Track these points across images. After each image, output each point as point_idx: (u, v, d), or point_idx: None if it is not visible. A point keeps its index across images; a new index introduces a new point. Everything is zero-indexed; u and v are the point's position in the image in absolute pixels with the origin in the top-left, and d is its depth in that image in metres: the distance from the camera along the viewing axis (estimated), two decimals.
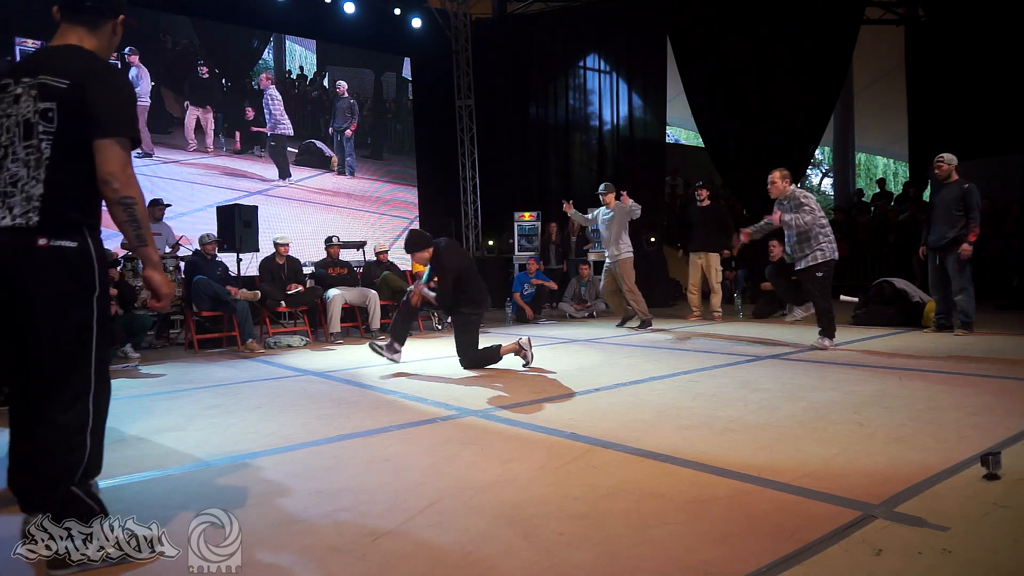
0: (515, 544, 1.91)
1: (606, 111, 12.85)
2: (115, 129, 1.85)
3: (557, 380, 4.52)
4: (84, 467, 1.90)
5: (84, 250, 1.87)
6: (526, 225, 10.83)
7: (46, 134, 1.84)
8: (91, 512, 1.90)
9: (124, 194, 1.83)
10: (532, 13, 12.81)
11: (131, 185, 1.85)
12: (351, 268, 8.10)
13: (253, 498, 2.38)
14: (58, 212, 1.84)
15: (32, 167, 1.84)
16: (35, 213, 1.83)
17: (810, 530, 1.91)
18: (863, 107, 16.81)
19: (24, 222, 1.83)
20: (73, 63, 1.89)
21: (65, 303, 1.86)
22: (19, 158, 1.85)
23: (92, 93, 1.84)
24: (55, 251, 1.84)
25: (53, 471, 1.86)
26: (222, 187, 9.79)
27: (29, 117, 1.85)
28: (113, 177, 1.82)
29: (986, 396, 3.58)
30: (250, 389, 4.61)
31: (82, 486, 1.91)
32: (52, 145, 1.84)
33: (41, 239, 1.82)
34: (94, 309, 1.90)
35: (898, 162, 25.21)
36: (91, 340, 1.90)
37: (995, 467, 2.27)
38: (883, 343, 5.83)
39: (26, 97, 1.86)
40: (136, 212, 1.86)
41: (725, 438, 2.94)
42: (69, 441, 1.87)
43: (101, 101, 1.84)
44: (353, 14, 11.10)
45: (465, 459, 2.76)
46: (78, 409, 1.87)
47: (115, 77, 1.94)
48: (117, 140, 1.84)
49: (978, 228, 5.96)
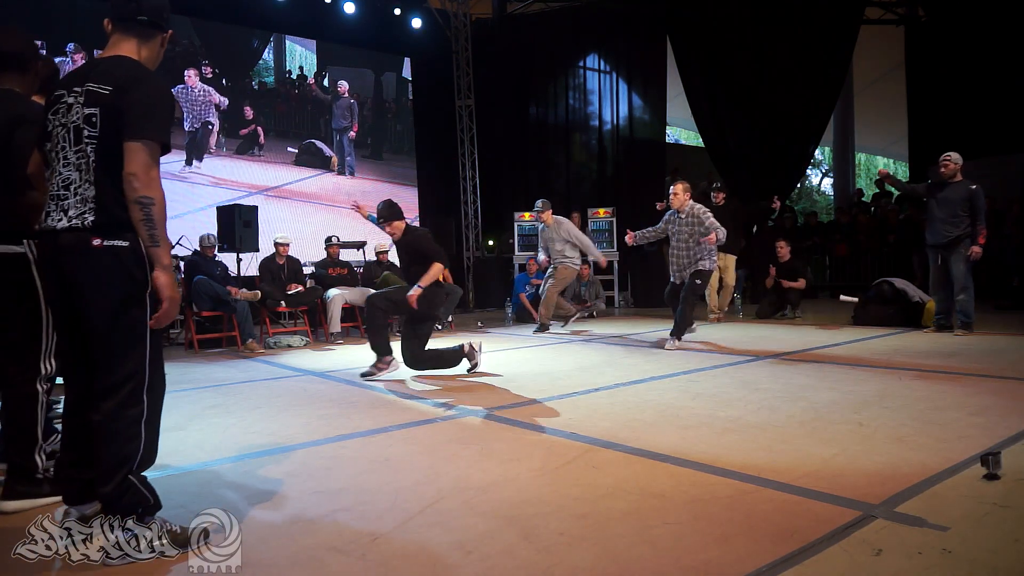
0: (515, 544, 1.91)
1: (606, 111, 12.85)
2: (143, 132, 1.90)
3: (557, 380, 4.52)
4: (140, 457, 1.97)
5: (136, 249, 1.95)
6: (526, 225, 10.83)
7: (91, 139, 1.93)
8: (145, 501, 1.96)
9: (142, 194, 1.88)
10: (532, 13, 12.80)
11: (151, 187, 1.90)
12: (351, 268, 8.10)
13: (253, 498, 2.38)
14: (110, 213, 1.93)
15: (83, 171, 1.94)
16: (90, 214, 1.92)
17: (810, 530, 1.91)
18: (863, 107, 16.81)
19: (80, 223, 1.92)
20: (119, 70, 1.97)
21: (120, 300, 1.94)
22: (70, 162, 1.96)
23: (129, 97, 1.91)
24: (109, 250, 1.92)
25: (112, 460, 1.92)
26: (223, 187, 9.78)
27: (78, 123, 1.94)
28: (134, 176, 1.87)
29: (986, 396, 3.58)
30: (250, 389, 4.61)
31: (137, 475, 1.97)
32: (96, 149, 1.93)
33: (96, 239, 1.91)
34: (147, 305, 1.97)
35: (898, 162, 25.22)
36: (145, 335, 1.98)
37: (995, 467, 2.27)
38: (883, 343, 5.83)
39: (76, 105, 1.95)
40: (152, 213, 1.90)
41: (725, 438, 2.94)
42: (127, 432, 1.94)
43: (135, 105, 1.91)
44: (353, 14, 11.10)
45: (465, 459, 2.76)
46: (135, 401, 1.95)
47: (155, 84, 1.99)
48: (144, 143, 1.89)
49: (986, 230, 5.97)
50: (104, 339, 1.94)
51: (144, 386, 1.97)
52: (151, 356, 1.99)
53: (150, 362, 1.99)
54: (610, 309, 10.19)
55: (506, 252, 11.39)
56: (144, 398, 1.97)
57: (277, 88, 10.70)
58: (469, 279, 11.46)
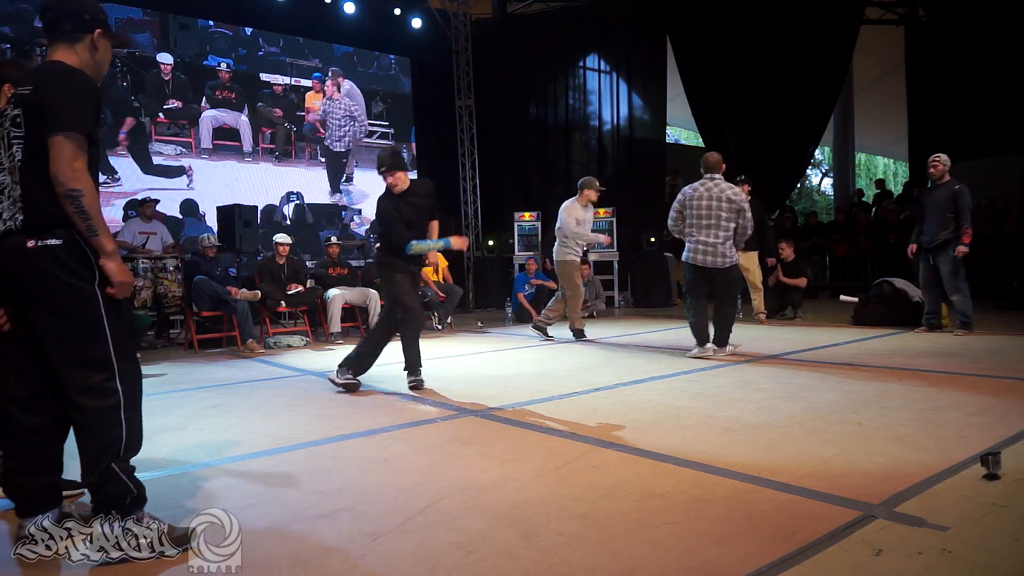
0: (515, 544, 1.91)
1: (606, 111, 12.84)
2: (63, 124, 1.90)
3: (557, 380, 4.52)
4: (124, 444, 1.98)
5: (72, 244, 1.93)
6: (526, 225, 10.82)
7: (17, 139, 1.96)
8: (127, 491, 1.96)
9: (69, 187, 1.88)
10: (532, 13, 12.80)
11: (78, 179, 1.89)
12: (351, 268, 8.10)
13: (253, 498, 2.39)
14: (40, 211, 1.93)
15: (13, 173, 1.97)
16: (20, 213, 1.94)
17: (810, 530, 1.91)
18: (863, 107, 16.80)
19: (13, 225, 1.94)
20: (42, 72, 2.01)
21: (66, 296, 1.93)
22: (4, 166, 1.99)
23: (47, 94, 1.93)
24: (44, 250, 1.92)
25: (93, 451, 1.95)
26: (223, 187, 9.78)
27: (7, 127, 1.99)
28: (59, 172, 1.88)
29: (986, 396, 3.58)
30: (250, 389, 4.61)
31: (121, 464, 1.97)
32: (22, 148, 1.96)
33: (29, 241, 1.92)
34: (97, 296, 1.97)
35: (898, 162, 25.22)
36: (103, 327, 1.96)
37: (995, 467, 2.27)
38: (883, 343, 5.83)
39: (8, 111, 2.00)
40: (83, 204, 1.90)
41: (725, 438, 2.94)
42: (107, 420, 1.95)
43: (53, 99, 1.92)
44: (353, 14, 11.09)
45: (465, 459, 2.76)
46: (108, 392, 1.95)
47: (73, 78, 1.99)
48: (66, 135, 1.89)
49: (970, 229, 5.96)
50: (60, 337, 1.94)
51: (115, 376, 1.97)
52: (115, 346, 1.98)
53: (116, 352, 1.98)
54: (610, 309, 10.18)
55: (506, 252, 11.39)
56: (118, 387, 1.97)
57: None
58: (469, 279, 11.46)
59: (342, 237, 10.27)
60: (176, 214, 9.30)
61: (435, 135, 12.19)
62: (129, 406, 2.00)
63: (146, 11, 9.27)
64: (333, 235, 9.55)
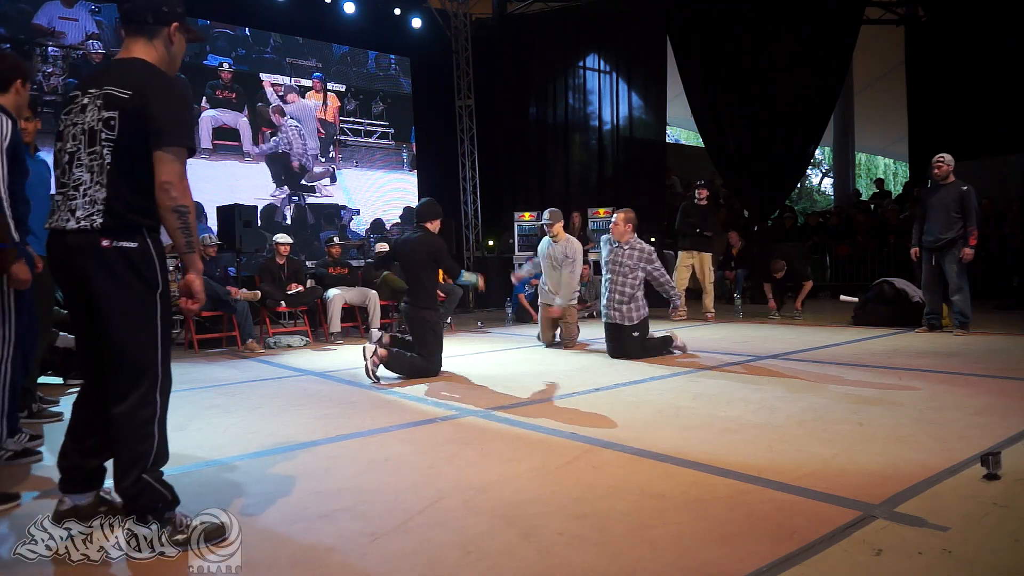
0: (515, 544, 1.91)
1: (606, 111, 12.84)
2: (174, 140, 1.93)
3: (557, 380, 4.52)
4: (154, 456, 2.01)
5: (145, 250, 1.98)
6: (526, 225, 10.82)
7: (108, 141, 1.95)
8: (162, 498, 1.98)
9: (180, 202, 1.93)
10: (532, 13, 12.79)
11: (186, 195, 1.95)
12: (351, 268, 8.10)
13: (253, 498, 2.38)
14: (119, 215, 1.94)
15: (95, 172, 1.96)
16: (99, 215, 1.93)
17: (810, 530, 1.91)
18: (863, 107, 16.81)
19: (88, 224, 1.93)
20: (136, 74, 1.99)
21: (131, 300, 1.97)
22: (83, 164, 1.97)
23: (153, 104, 1.93)
24: (118, 251, 1.94)
25: (128, 460, 1.96)
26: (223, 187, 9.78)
27: (93, 125, 1.96)
28: (171, 186, 1.91)
29: (986, 396, 3.58)
30: (250, 389, 4.61)
31: (152, 473, 2.00)
32: (113, 152, 1.95)
33: (104, 240, 1.93)
34: (158, 305, 2.01)
35: (898, 162, 25.22)
36: (157, 336, 2.00)
37: (995, 467, 2.27)
38: (883, 343, 5.83)
39: (92, 107, 1.97)
40: (189, 220, 1.95)
41: (725, 438, 2.94)
42: (142, 431, 1.98)
43: (161, 112, 1.93)
44: (353, 14, 11.09)
45: (465, 459, 2.76)
46: (149, 400, 1.99)
47: (175, 89, 2.02)
48: (175, 151, 1.93)
49: (977, 231, 5.96)
50: (119, 341, 1.96)
51: (158, 387, 2.01)
52: (163, 357, 2.03)
53: (162, 363, 2.02)
54: None
55: (506, 252, 11.39)
56: (157, 399, 2.01)
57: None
58: None
59: (342, 237, 10.27)
60: None
61: (435, 135, 12.18)
62: (162, 418, 2.04)
63: None
64: (333, 235, 9.54)
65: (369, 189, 11.54)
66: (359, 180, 11.38)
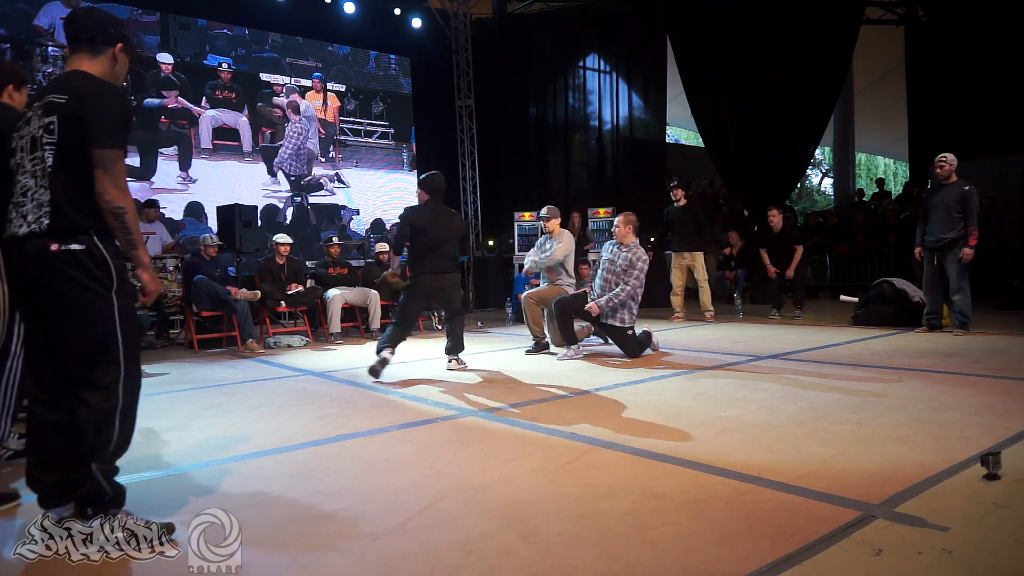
0: (515, 544, 1.91)
1: (606, 111, 12.83)
2: (107, 141, 1.98)
3: (557, 380, 4.52)
4: (112, 447, 2.04)
5: (93, 250, 2.00)
6: (526, 225, 10.82)
7: (49, 145, 2.01)
8: (102, 492, 1.99)
9: (116, 205, 1.99)
10: (532, 13, 12.79)
11: (123, 197, 2.01)
12: (351, 268, 8.10)
13: (253, 498, 2.38)
14: (65, 214, 1.99)
15: (39, 176, 2.02)
16: (46, 217, 1.98)
17: (810, 530, 1.91)
18: (863, 107, 16.81)
19: (37, 227, 1.98)
20: (75, 82, 2.06)
21: (85, 300, 1.99)
22: (27, 170, 2.04)
23: (88, 107, 1.99)
24: (67, 254, 1.97)
25: (81, 451, 1.99)
26: (223, 187, 9.78)
27: (35, 133, 2.03)
28: (105, 190, 1.97)
29: (986, 396, 3.58)
30: (250, 389, 4.61)
31: (104, 465, 2.01)
32: (54, 155, 2.00)
33: (53, 244, 1.96)
34: (113, 303, 2.03)
35: (898, 162, 25.22)
36: (115, 331, 2.03)
37: (995, 467, 2.27)
38: (883, 343, 5.82)
39: (35, 117, 2.04)
40: (126, 220, 2.01)
41: (725, 438, 2.94)
42: (100, 424, 2.01)
43: (95, 114, 1.98)
44: (353, 14, 11.09)
45: (465, 459, 2.76)
46: (110, 394, 2.02)
47: (109, 93, 2.06)
48: (108, 152, 1.98)
49: (977, 231, 5.96)
50: (75, 340, 2.00)
51: (120, 381, 2.03)
52: (125, 353, 2.04)
53: (125, 358, 2.04)
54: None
55: (506, 252, 11.39)
56: (120, 393, 2.03)
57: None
58: (469, 279, 11.46)
59: (342, 237, 10.27)
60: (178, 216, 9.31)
61: (435, 135, 12.18)
62: (125, 413, 2.05)
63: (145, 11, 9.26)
64: (333, 235, 9.54)
65: (369, 189, 11.54)
66: (359, 180, 11.38)
